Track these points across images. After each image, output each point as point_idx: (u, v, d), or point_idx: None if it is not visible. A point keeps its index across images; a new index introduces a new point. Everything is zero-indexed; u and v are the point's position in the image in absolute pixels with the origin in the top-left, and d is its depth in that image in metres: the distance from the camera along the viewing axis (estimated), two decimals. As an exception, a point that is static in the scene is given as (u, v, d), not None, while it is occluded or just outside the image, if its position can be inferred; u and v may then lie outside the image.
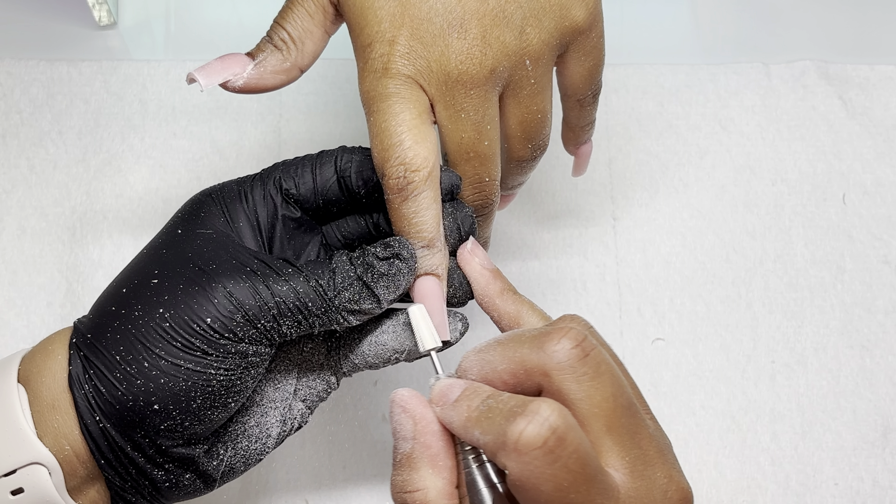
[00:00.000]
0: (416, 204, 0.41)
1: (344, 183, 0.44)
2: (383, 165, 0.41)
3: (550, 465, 0.31)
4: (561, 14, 0.43)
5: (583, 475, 0.32)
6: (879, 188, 0.62)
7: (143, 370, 0.38)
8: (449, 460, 0.36)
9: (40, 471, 0.38)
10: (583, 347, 0.34)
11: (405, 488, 0.36)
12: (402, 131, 0.41)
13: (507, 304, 0.41)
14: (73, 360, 0.39)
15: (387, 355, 0.44)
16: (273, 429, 0.44)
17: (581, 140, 0.51)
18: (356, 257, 0.41)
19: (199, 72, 0.43)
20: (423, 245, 0.42)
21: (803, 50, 0.66)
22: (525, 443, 0.31)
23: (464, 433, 0.35)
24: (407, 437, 0.36)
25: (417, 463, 0.36)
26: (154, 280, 0.40)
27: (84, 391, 0.39)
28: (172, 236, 0.42)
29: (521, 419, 0.32)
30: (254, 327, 0.39)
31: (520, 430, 0.31)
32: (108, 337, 0.39)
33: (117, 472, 0.40)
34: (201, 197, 0.43)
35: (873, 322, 0.59)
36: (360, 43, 0.42)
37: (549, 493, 0.31)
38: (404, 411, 0.36)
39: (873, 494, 0.55)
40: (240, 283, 0.39)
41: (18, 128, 0.60)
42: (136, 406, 0.38)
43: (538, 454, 0.31)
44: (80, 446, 0.39)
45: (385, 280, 0.40)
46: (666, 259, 0.60)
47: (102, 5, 0.62)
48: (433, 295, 0.42)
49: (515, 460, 0.31)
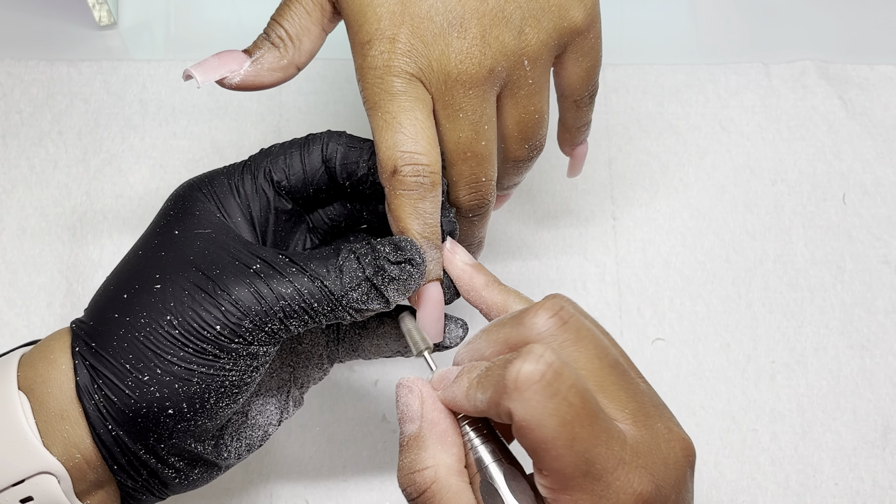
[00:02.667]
0: (431, 204, 0.41)
1: (330, 173, 0.44)
2: (395, 162, 0.41)
3: (551, 397, 0.32)
4: (559, 14, 0.43)
5: (584, 410, 0.32)
6: (879, 188, 0.62)
7: (156, 377, 0.38)
8: (457, 438, 0.36)
9: (49, 479, 0.38)
10: (560, 316, 0.35)
11: (414, 467, 0.36)
12: (416, 130, 0.41)
13: (493, 294, 0.41)
14: (80, 369, 0.39)
15: (386, 353, 0.45)
16: (273, 416, 0.44)
17: (577, 141, 0.51)
18: (364, 255, 0.40)
19: (195, 68, 0.43)
20: (432, 247, 0.42)
21: (803, 50, 0.66)
22: (524, 379, 0.32)
23: (467, 403, 0.35)
24: (413, 416, 0.36)
25: (426, 441, 0.36)
26: (157, 285, 0.39)
27: (95, 401, 0.38)
28: (169, 237, 0.41)
29: (516, 361, 0.32)
30: (262, 331, 0.39)
31: (517, 369, 0.32)
32: (115, 345, 0.39)
33: (129, 474, 0.40)
34: (190, 191, 0.43)
35: (873, 322, 0.59)
36: (358, 40, 0.42)
37: (555, 428, 0.32)
38: (410, 392, 0.37)
39: (873, 494, 0.55)
40: (244, 288, 0.39)
41: (18, 128, 0.60)
42: (150, 412, 0.38)
43: (538, 388, 0.32)
44: (92, 454, 0.39)
45: (396, 284, 0.40)
46: (666, 259, 0.60)
47: (102, 5, 0.62)
48: (436, 301, 0.42)
49: (517, 400, 0.32)
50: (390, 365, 0.56)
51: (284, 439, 0.55)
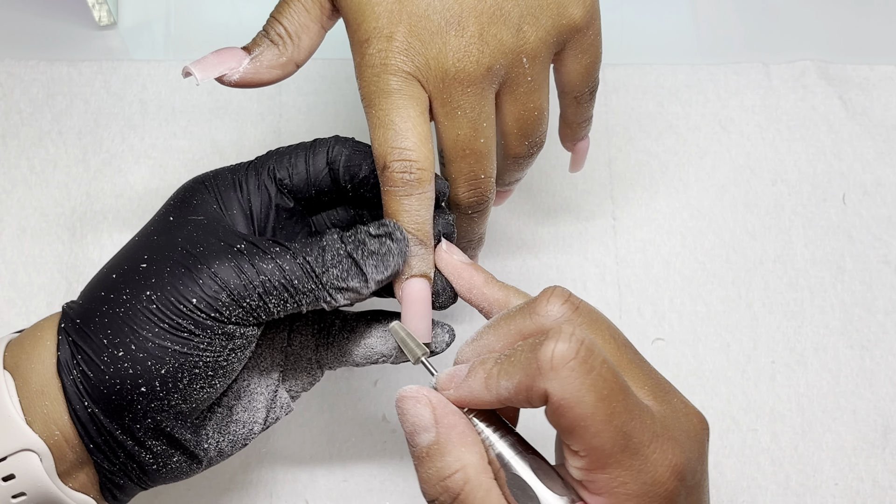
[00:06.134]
0: (418, 201, 0.41)
1: (333, 175, 0.44)
2: (385, 158, 0.41)
3: (588, 374, 0.32)
4: (558, 12, 0.43)
5: (618, 385, 0.33)
6: (879, 188, 0.62)
7: (130, 353, 0.38)
8: (476, 436, 0.36)
9: (31, 457, 0.38)
10: (571, 301, 0.37)
11: (442, 474, 0.35)
12: (407, 128, 0.41)
13: (494, 291, 0.42)
14: (62, 345, 0.39)
15: (374, 357, 0.45)
16: (259, 414, 0.44)
17: (578, 136, 0.51)
18: (348, 235, 0.41)
19: (195, 65, 0.43)
20: (418, 243, 0.42)
21: (803, 50, 0.66)
22: (559, 358, 0.33)
23: (487, 393, 0.35)
24: (427, 426, 0.36)
25: (447, 446, 0.35)
26: (143, 265, 0.40)
27: (73, 377, 0.39)
28: (164, 223, 0.42)
29: (548, 342, 0.33)
30: (239, 306, 0.39)
31: (551, 349, 0.33)
32: (97, 321, 0.39)
33: (106, 455, 0.40)
34: (194, 185, 0.44)
35: (873, 322, 0.59)
36: (356, 38, 0.42)
37: (594, 403, 0.32)
38: (417, 402, 0.36)
39: (873, 494, 0.55)
40: (225, 262, 0.39)
41: (18, 128, 0.60)
42: (123, 389, 0.38)
43: (574, 365, 0.32)
44: (70, 431, 0.39)
45: (375, 259, 0.40)
46: (666, 259, 0.60)
47: (102, 5, 0.62)
48: (422, 298, 0.42)
49: (554, 379, 0.33)
50: (390, 365, 0.56)
51: (284, 439, 0.55)
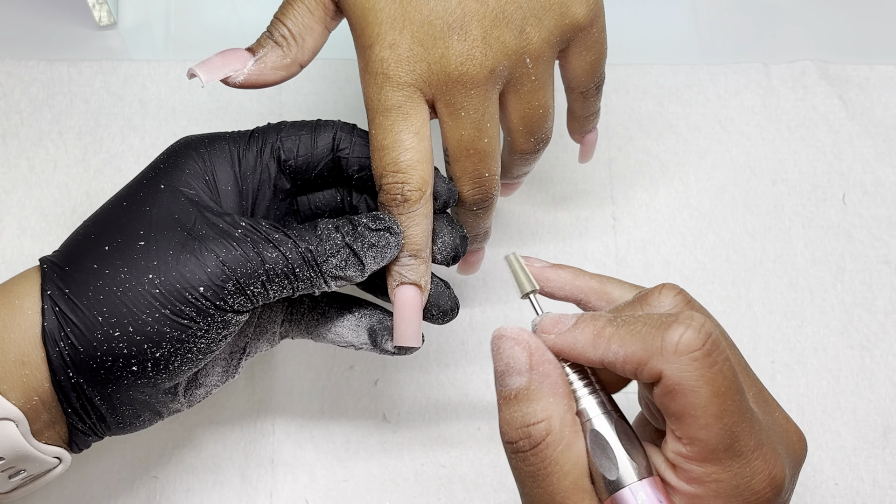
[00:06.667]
0: (408, 219, 0.42)
1: (339, 163, 0.44)
2: (381, 178, 0.42)
3: (709, 367, 0.33)
4: (561, 12, 0.43)
5: (735, 384, 0.33)
6: (879, 188, 0.62)
7: (127, 334, 0.38)
8: (567, 388, 0.36)
9: (8, 425, 0.39)
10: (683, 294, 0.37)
11: (527, 421, 0.35)
12: (401, 151, 0.42)
13: (585, 281, 0.42)
14: (48, 314, 0.39)
15: (341, 344, 0.46)
16: (219, 378, 0.45)
17: (586, 129, 0.51)
18: (342, 225, 0.41)
19: (199, 67, 0.43)
20: (410, 255, 0.42)
21: (803, 50, 0.66)
22: (685, 344, 0.33)
23: (591, 350, 0.35)
24: (522, 369, 0.36)
25: (537, 393, 0.35)
26: (141, 242, 0.40)
27: (59, 348, 0.39)
28: (155, 191, 0.41)
29: (678, 325, 0.33)
30: (243, 294, 0.40)
31: (679, 333, 0.33)
32: (91, 296, 0.39)
33: (80, 417, 0.41)
34: (186, 149, 0.43)
35: (873, 322, 0.59)
36: (361, 43, 0.43)
37: (708, 396, 0.32)
38: (517, 343, 0.36)
39: (873, 494, 0.55)
40: (232, 250, 0.39)
41: (18, 128, 0.60)
42: (114, 366, 0.39)
43: (698, 355, 0.33)
44: (49, 397, 0.39)
45: (374, 251, 0.41)
46: (666, 259, 0.60)
47: (102, 5, 0.62)
48: (413, 305, 0.43)
49: (675, 363, 0.33)
50: (391, 365, 0.56)
51: (284, 439, 0.55)
